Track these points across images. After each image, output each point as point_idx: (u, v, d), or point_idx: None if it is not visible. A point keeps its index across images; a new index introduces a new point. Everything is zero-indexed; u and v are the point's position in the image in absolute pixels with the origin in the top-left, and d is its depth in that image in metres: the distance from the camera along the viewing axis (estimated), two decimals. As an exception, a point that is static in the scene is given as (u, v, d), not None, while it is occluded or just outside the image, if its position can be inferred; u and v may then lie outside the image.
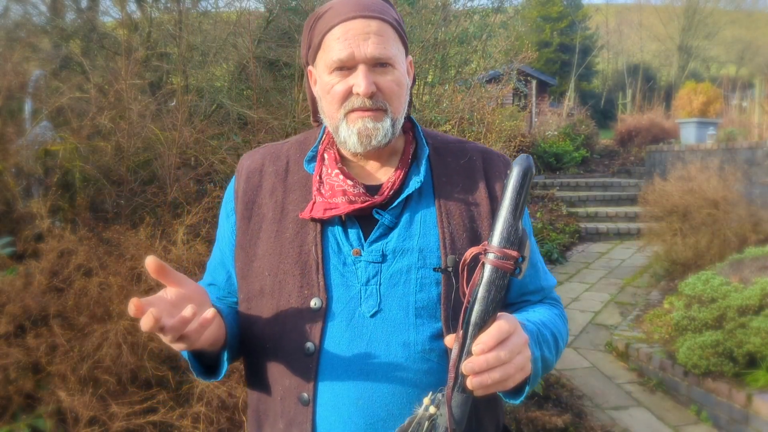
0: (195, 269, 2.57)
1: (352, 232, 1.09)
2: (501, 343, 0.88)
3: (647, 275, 6.81)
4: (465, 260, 0.92)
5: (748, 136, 8.81)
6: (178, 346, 0.94)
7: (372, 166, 1.16)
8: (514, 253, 0.88)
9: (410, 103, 1.17)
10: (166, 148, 3.16)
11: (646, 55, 25.31)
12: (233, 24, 4.34)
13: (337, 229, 1.10)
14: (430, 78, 5.72)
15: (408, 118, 1.19)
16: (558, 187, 10.54)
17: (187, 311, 0.87)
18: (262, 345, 1.10)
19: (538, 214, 9.14)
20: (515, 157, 0.93)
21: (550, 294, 1.24)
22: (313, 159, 1.16)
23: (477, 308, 0.88)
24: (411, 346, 1.04)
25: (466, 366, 0.87)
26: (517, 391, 1.00)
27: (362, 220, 1.10)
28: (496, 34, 6.29)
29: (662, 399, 4.05)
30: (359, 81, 1.05)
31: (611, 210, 9.76)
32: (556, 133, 12.29)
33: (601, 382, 4.30)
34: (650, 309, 5.30)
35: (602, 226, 9.20)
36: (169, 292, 0.95)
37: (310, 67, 1.16)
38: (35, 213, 2.68)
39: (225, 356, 1.07)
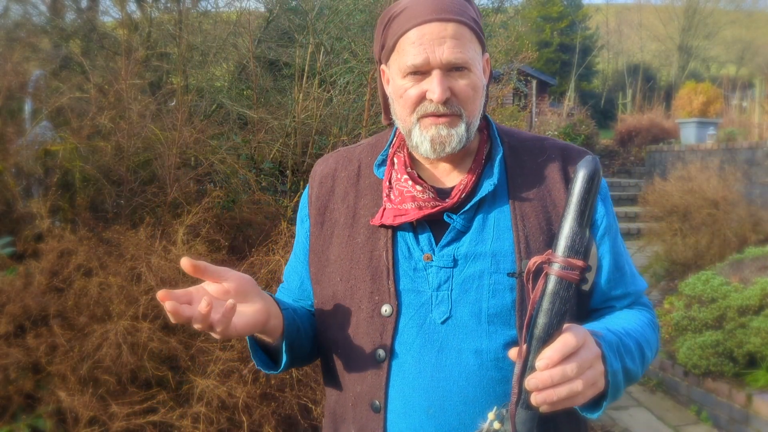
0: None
1: (423, 237, 1.07)
2: (568, 357, 0.84)
3: (647, 275, 6.80)
4: (529, 270, 0.88)
5: (748, 136, 8.81)
6: (214, 334, 0.94)
7: (443, 168, 1.12)
8: (580, 263, 0.84)
9: (486, 101, 1.13)
10: (166, 148, 3.16)
11: (646, 55, 25.31)
12: (233, 24, 4.34)
13: (408, 234, 1.08)
14: (430, 78, 5.71)
15: (483, 117, 1.14)
16: (558, 187, 10.52)
17: (202, 305, 0.88)
18: (334, 350, 1.11)
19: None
20: None
21: (640, 299, 1.16)
22: (383, 163, 1.14)
23: (540, 321, 0.85)
24: (483, 353, 1.01)
25: (529, 382, 0.84)
26: (594, 404, 0.96)
27: (433, 224, 1.07)
28: (496, 34, 6.29)
29: (662, 399, 4.05)
30: (434, 87, 1.02)
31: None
32: (556, 133, 12.28)
33: (601, 382, 4.30)
34: (650, 309, 5.30)
35: (602, 226, 9.19)
36: (209, 287, 0.96)
37: (382, 66, 1.13)
38: (35, 213, 2.68)
39: (283, 348, 1.06)
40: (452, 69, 1.03)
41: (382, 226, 1.08)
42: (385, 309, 1.04)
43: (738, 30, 24.12)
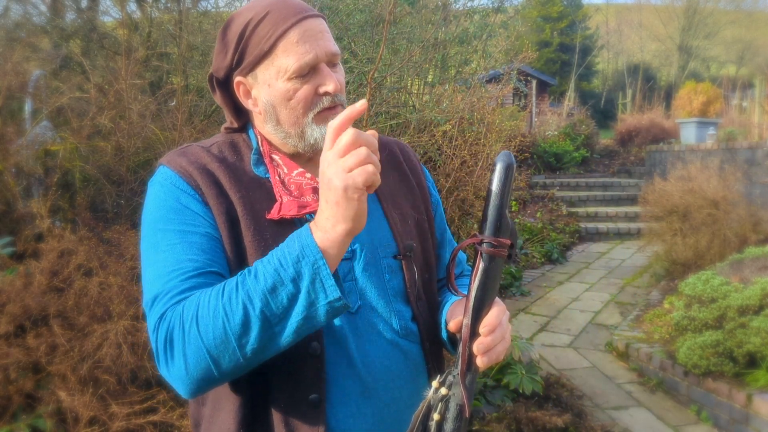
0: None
1: None
2: (504, 322, 0.99)
3: (647, 275, 6.81)
4: (454, 254, 1.01)
5: (748, 136, 8.81)
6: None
7: (316, 166, 1.12)
8: (507, 242, 0.95)
9: None
10: (166, 148, 3.16)
11: (646, 55, 25.31)
12: (233, 24, 4.34)
13: None
14: (430, 78, 5.72)
15: None
16: (558, 187, 10.54)
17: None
18: None
19: (538, 214, 9.13)
20: (516, 156, 0.96)
21: (464, 264, 1.35)
22: (259, 162, 1.10)
23: (479, 295, 0.96)
24: (397, 331, 1.10)
25: (479, 346, 0.95)
26: None
27: None
28: (496, 34, 6.29)
29: (662, 399, 4.05)
30: (328, 80, 1.03)
31: (611, 210, 9.77)
32: (556, 133, 12.29)
33: (601, 382, 4.30)
34: (650, 309, 5.30)
35: (602, 226, 9.21)
36: None
37: (238, 79, 1.08)
38: (35, 213, 2.68)
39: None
40: (330, 62, 1.06)
41: (282, 219, 1.04)
42: None
43: (738, 30, 24.12)
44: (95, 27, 4.40)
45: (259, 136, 1.13)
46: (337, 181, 0.84)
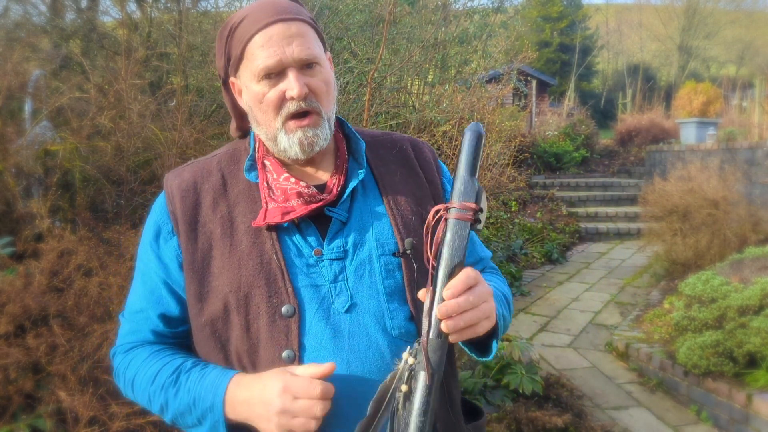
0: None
1: (310, 234, 1.10)
2: (469, 288, 0.94)
3: (647, 275, 6.81)
4: (428, 223, 0.98)
5: (748, 136, 8.81)
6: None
7: (311, 168, 1.16)
8: (473, 205, 0.96)
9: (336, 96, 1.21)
10: (166, 148, 3.16)
11: (646, 55, 25.31)
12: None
13: (294, 234, 1.09)
14: (430, 78, 5.72)
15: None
16: (558, 187, 10.54)
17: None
18: (236, 363, 1.07)
19: (538, 214, 9.14)
20: (516, 156, 0.96)
21: (489, 264, 1.32)
22: (252, 167, 1.14)
23: (444, 258, 0.95)
24: (389, 331, 1.07)
25: (440, 309, 0.92)
26: (485, 350, 1.08)
27: (316, 220, 1.10)
28: (496, 34, 6.29)
29: (662, 399, 4.05)
30: (291, 85, 1.05)
31: (611, 210, 9.77)
32: (556, 133, 12.29)
33: (601, 382, 4.30)
34: (650, 309, 5.30)
35: (602, 226, 9.21)
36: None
37: (232, 79, 1.15)
38: (35, 213, 2.68)
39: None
40: (304, 66, 1.07)
41: (268, 227, 1.08)
42: (286, 309, 1.04)
43: (738, 30, 24.12)
44: (95, 27, 4.40)
45: (257, 141, 1.16)
46: (274, 428, 0.97)
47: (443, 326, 0.92)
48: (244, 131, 1.21)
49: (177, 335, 1.15)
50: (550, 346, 4.93)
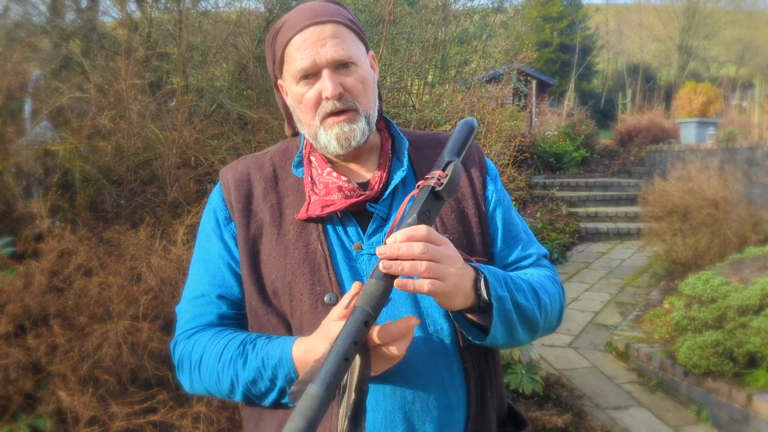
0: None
1: (350, 228, 1.14)
2: (416, 240, 0.93)
3: (647, 275, 6.81)
4: (404, 202, 1.02)
5: (748, 136, 8.81)
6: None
7: (355, 165, 1.20)
8: (437, 172, 1.00)
9: (380, 97, 1.22)
10: (166, 148, 3.16)
11: (646, 55, 25.30)
12: (233, 24, 4.34)
13: (337, 227, 1.14)
14: (430, 78, 5.72)
15: (381, 117, 1.25)
16: (558, 187, 10.54)
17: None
18: None
19: (538, 214, 9.13)
20: (516, 156, 0.97)
21: (541, 261, 1.28)
22: (300, 164, 1.20)
23: (405, 220, 0.98)
24: (425, 327, 1.09)
25: (379, 248, 0.94)
26: (484, 330, 1.06)
27: (357, 215, 1.14)
28: (496, 34, 6.29)
29: (662, 399, 4.05)
30: (325, 85, 1.09)
31: (611, 210, 9.77)
32: (556, 133, 12.29)
33: (601, 382, 4.30)
34: (650, 309, 5.31)
35: (602, 226, 9.21)
36: None
37: (279, 81, 1.21)
38: (35, 213, 2.68)
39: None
40: (339, 66, 1.11)
41: (309, 219, 1.13)
42: (328, 298, 1.08)
43: (738, 30, 24.12)
44: (95, 27, 4.40)
45: (306, 139, 1.22)
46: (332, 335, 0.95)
47: (381, 265, 0.92)
48: (296, 130, 1.25)
49: (240, 317, 1.18)
50: (550, 346, 4.93)
